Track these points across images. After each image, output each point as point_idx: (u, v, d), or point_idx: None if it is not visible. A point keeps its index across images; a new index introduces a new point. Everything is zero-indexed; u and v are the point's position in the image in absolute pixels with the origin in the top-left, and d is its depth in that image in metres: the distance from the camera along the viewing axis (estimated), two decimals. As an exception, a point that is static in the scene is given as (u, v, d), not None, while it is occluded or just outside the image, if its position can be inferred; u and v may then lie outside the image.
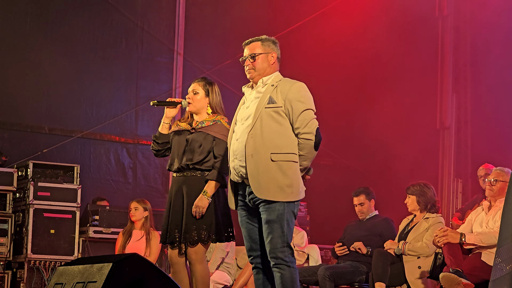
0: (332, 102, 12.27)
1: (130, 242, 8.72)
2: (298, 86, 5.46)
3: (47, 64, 10.52)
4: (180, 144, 6.19)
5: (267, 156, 5.28)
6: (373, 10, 12.18)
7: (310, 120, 5.33)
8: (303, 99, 5.39)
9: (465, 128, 12.54)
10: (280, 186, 5.26)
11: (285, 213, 5.27)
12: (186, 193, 6.11)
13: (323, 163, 11.94)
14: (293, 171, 5.31)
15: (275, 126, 5.33)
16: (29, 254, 9.17)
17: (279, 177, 5.27)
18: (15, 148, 10.26)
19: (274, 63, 5.56)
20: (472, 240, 6.80)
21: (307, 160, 5.36)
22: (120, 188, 11.01)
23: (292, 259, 5.31)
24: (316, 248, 9.17)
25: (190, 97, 6.24)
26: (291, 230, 5.33)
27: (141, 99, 11.20)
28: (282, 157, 5.29)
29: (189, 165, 6.11)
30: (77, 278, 5.01)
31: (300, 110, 5.33)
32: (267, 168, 5.28)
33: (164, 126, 6.28)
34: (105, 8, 10.95)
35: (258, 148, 5.30)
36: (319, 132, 5.34)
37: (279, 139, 5.32)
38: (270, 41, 5.58)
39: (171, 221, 6.14)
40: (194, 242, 6.06)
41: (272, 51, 5.56)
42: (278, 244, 5.25)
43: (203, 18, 11.65)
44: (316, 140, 5.31)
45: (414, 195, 7.89)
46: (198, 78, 6.39)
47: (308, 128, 5.31)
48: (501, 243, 3.77)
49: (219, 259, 8.59)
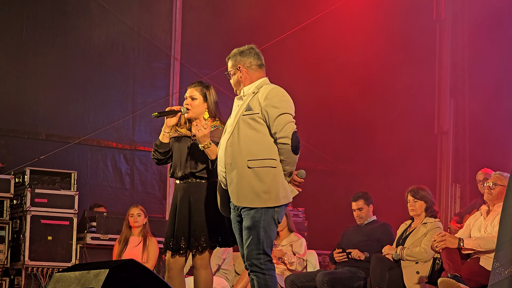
0: (330, 107, 12.29)
1: (128, 248, 8.71)
2: (273, 91, 5.47)
3: (44, 70, 10.52)
4: (181, 151, 6.15)
5: (244, 163, 5.34)
6: (370, 15, 12.18)
7: (285, 124, 5.33)
8: (278, 103, 5.38)
9: (463, 133, 12.53)
10: (256, 193, 5.30)
11: (261, 220, 5.30)
12: (192, 200, 6.08)
13: (321, 168, 11.93)
14: (271, 177, 5.33)
15: (251, 133, 5.38)
16: (27, 261, 9.15)
17: (255, 183, 5.31)
18: (12, 155, 10.24)
19: (244, 74, 5.59)
20: (470, 245, 6.79)
21: (289, 164, 5.37)
22: (118, 194, 10.99)
23: (269, 266, 5.33)
24: (314, 254, 9.15)
25: (189, 103, 6.19)
26: (270, 237, 5.35)
27: (138, 104, 11.19)
28: (259, 164, 5.33)
29: (194, 173, 6.09)
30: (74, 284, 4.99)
31: (275, 115, 5.35)
32: (243, 176, 5.34)
33: (165, 136, 6.25)
34: (102, 14, 10.94)
35: (235, 157, 5.37)
36: (296, 136, 5.33)
37: (256, 146, 5.36)
38: (237, 54, 5.63)
39: (177, 229, 6.09)
40: (203, 249, 6.04)
41: (239, 65, 5.60)
42: (254, 251, 5.30)
43: (200, 23, 11.64)
44: (294, 144, 5.30)
45: (423, 200, 7.86)
46: (193, 82, 6.33)
47: (283, 132, 5.31)
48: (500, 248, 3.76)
49: (215, 266, 8.57)
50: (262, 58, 5.66)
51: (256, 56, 5.61)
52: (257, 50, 5.66)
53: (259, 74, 5.61)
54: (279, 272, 8.50)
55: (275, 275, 5.38)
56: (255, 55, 5.61)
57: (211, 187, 6.01)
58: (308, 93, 11.56)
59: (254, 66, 5.61)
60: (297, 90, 5.95)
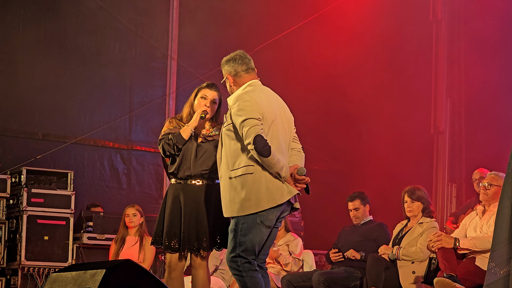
0: (326, 106, 12.29)
1: (124, 248, 8.71)
2: (233, 100, 5.51)
3: (40, 69, 10.51)
4: (190, 151, 6.12)
5: (227, 175, 5.43)
6: (366, 15, 12.18)
7: (247, 130, 5.32)
8: (238, 111, 5.39)
9: (459, 133, 12.54)
10: (237, 202, 5.36)
11: (240, 224, 5.36)
12: (199, 202, 6.07)
13: (318, 168, 11.93)
14: (250, 184, 5.35)
15: (231, 143, 5.45)
16: (23, 261, 9.14)
17: (234, 194, 5.37)
18: (9, 154, 10.23)
19: (232, 82, 5.63)
20: (466, 245, 6.80)
21: (268, 167, 5.35)
22: (114, 194, 10.99)
23: (248, 267, 5.36)
24: (311, 254, 9.16)
25: (209, 105, 6.16)
26: (252, 241, 5.36)
27: (135, 104, 11.19)
28: (238, 172, 5.37)
29: (203, 174, 6.09)
30: (71, 284, 5.00)
31: (238, 123, 5.38)
32: (225, 187, 5.45)
33: (190, 134, 6.13)
34: (99, 13, 10.93)
35: (222, 170, 5.49)
36: (259, 139, 5.27)
37: (235, 156, 5.41)
38: (225, 64, 5.67)
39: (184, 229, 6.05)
40: (205, 250, 6.04)
41: (227, 74, 5.65)
42: (230, 254, 5.40)
43: (197, 22, 11.63)
44: (258, 147, 5.26)
45: (420, 201, 7.87)
46: (211, 84, 6.25)
47: (247, 138, 5.31)
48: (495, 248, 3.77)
49: (212, 266, 8.58)
50: (248, 62, 5.62)
51: (241, 62, 5.59)
52: (243, 55, 5.64)
53: (246, 80, 5.61)
54: (275, 272, 8.51)
55: (257, 276, 5.40)
56: (240, 61, 5.60)
57: (215, 188, 5.96)
58: (304, 93, 11.57)
59: (241, 72, 5.60)
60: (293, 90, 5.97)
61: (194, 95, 6.22)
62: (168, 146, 6.10)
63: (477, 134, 12.08)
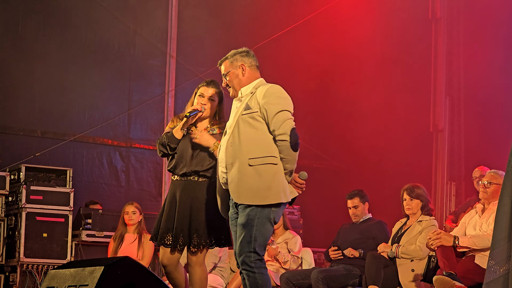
0: (325, 105, 12.28)
1: (123, 245, 8.70)
2: (271, 89, 5.49)
3: (39, 67, 10.50)
4: (186, 148, 6.11)
5: (245, 162, 5.35)
6: (366, 13, 12.18)
7: (284, 121, 5.34)
8: (276, 100, 5.41)
9: (458, 131, 12.54)
10: (256, 190, 5.31)
11: (255, 218, 5.30)
12: (194, 198, 6.06)
13: (316, 166, 11.93)
14: (272, 174, 5.33)
15: (251, 131, 5.40)
16: (22, 258, 9.14)
17: (255, 181, 5.32)
18: (8, 152, 10.23)
19: (247, 73, 5.61)
20: (465, 243, 6.80)
21: (289, 162, 5.37)
22: (113, 192, 10.98)
23: (259, 265, 5.32)
24: (310, 251, 9.16)
25: (206, 103, 6.15)
26: (264, 236, 5.33)
27: (134, 102, 11.19)
28: (259, 161, 5.33)
29: (198, 171, 6.08)
30: (69, 281, 5.00)
31: (274, 112, 5.36)
32: (244, 174, 5.34)
33: (182, 133, 6.17)
34: (98, 11, 10.92)
35: (236, 156, 5.38)
36: (294, 133, 5.34)
37: (256, 144, 5.38)
38: (237, 54, 5.65)
39: (177, 225, 6.05)
40: (201, 247, 6.03)
41: (241, 63, 5.62)
42: (245, 249, 5.30)
43: (196, 20, 11.63)
44: (292, 140, 5.31)
45: (419, 199, 7.87)
46: (209, 81, 6.24)
47: (282, 129, 5.32)
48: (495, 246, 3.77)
49: (211, 264, 8.57)
50: (257, 60, 5.71)
51: (254, 58, 5.67)
52: (253, 52, 5.71)
53: (256, 75, 5.65)
54: (274, 269, 8.51)
55: (266, 273, 5.37)
56: (253, 56, 5.67)
57: (213, 186, 5.96)
58: (303, 91, 11.56)
59: (254, 66, 5.65)
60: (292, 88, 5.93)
61: (194, 94, 6.23)
62: (161, 146, 6.16)
63: (476, 132, 12.09)
